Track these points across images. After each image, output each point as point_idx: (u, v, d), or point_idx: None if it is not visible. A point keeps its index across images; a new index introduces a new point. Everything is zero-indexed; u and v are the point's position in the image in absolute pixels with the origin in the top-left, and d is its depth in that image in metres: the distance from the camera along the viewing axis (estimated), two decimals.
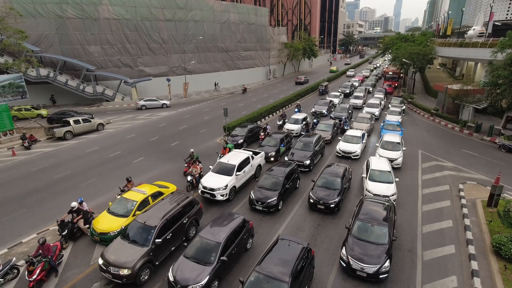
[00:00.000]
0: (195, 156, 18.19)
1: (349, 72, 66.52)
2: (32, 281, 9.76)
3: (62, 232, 12.18)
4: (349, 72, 66.52)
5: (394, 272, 10.81)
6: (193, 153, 18.52)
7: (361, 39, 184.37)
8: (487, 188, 16.31)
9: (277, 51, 67.44)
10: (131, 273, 9.86)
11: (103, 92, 38.04)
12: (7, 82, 27.25)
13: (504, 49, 24.40)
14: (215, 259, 9.94)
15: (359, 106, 36.62)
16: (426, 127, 29.92)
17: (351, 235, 11.25)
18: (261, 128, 25.24)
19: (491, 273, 10.68)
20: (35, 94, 33.75)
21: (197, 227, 13.11)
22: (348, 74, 65.35)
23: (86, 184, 17.67)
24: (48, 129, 25.48)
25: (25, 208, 15.19)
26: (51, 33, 35.62)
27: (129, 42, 40.97)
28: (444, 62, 74.26)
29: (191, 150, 18.71)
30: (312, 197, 14.71)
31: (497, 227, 12.90)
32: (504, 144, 23.09)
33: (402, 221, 13.97)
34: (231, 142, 22.27)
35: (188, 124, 30.30)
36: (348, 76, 63.84)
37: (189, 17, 45.98)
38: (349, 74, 65.27)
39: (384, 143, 20.77)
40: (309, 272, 9.96)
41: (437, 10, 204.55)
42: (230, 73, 54.40)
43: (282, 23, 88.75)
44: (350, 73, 65.87)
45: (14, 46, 27.79)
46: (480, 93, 29.62)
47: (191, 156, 18.29)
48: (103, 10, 38.18)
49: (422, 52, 43.01)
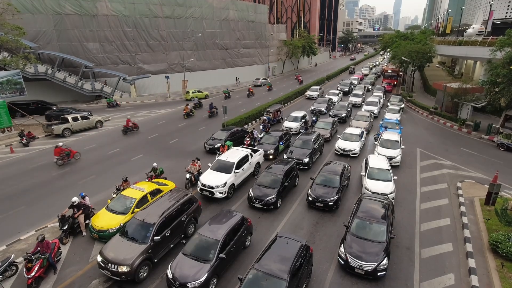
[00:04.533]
0: (158, 170, 16.83)
1: (310, 92, 42.33)
2: (30, 278, 9.76)
3: (62, 227, 12.20)
4: (310, 92, 42.33)
5: (392, 270, 10.86)
6: (157, 167, 16.86)
7: (361, 37, 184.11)
8: (485, 187, 16.37)
9: (276, 48, 67.29)
10: (129, 270, 9.87)
11: (102, 89, 37.88)
12: (5, 79, 27.13)
13: (503, 47, 24.43)
14: (213, 256, 9.96)
15: (358, 104, 36.64)
16: (424, 126, 29.97)
17: (350, 233, 11.29)
18: (247, 132, 23.77)
19: (488, 271, 10.75)
20: (33, 90, 33.56)
21: (196, 225, 13.12)
22: (309, 94, 42.04)
23: (84, 182, 17.64)
24: (47, 126, 25.36)
25: (23, 205, 15.17)
26: (49, 30, 35.38)
27: (127, 39, 40.77)
28: (443, 60, 74.28)
29: (154, 164, 16.89)
30: (310, 195, 14.74)
31: (494, 225, 12.97)
32: (502, 143, 23.17)
33: (400, 219, 14.02)
34: (209, 146, 21.68)
35: (187, 121, 30.25)
36: (309, 97, 41.70)
37: (188, 14, 45.79)
38: (309, 95, 41.88)
39: (383, 141, 20.81)
40: (307, 269, 9.99)
41: (437, 8, 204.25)
42: (229, 70, 54.27)
43: (282, 21, 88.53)
44: (311, 92, 42.04)
45: (12, 43, 27.61)
46: (479, 92, 29.68)
47: (154, 170, 16.72)
48: (101, 6, 37.95)
49: (421, 51, 43.04)
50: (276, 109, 29.51)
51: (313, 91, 42.65)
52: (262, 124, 26.14)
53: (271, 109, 29.38)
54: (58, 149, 19.52)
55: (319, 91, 42.71)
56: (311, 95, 41.63)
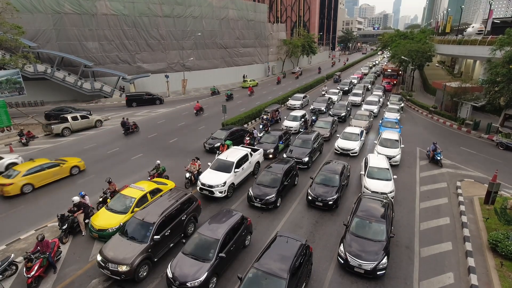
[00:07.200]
0: (161, 168, 16.82)
1: (292, 101, 35.98)
2: (30, 278, 9.76)
3: (62, 226, 12.20)
4: (292, 101, 35.98)
5: (391, 269, 10.87)
6: (160, 165, 16.92)
7: (360, 36, 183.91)
8: (484, 186, 16.39)
9: (276, 47, 67.23)
10: (129, 269, 9.87)
11: (101, 88, 37.83)
12: (4, 78, 27.11)
13: (503, 46, 24.41)
14: (213, 255, 9.96)
15: (357, 103, 36.63)
16: (424, 125, 29.98)
17: (349, 232, 11.30)
18: (247, 131, 23.75)
19: (488, 269, 10.77)
20: (33, 90, 33.54)
21: (195, 224, 13.12)
22: (290, 104, 35.62)
23: (84, 181, 17.63)
24: (46, 125, 25.32)
25: (23, 204, 15.16)
26: (48, 29, 35.32)
27: (127, 38, 40.70)
28: (443, 59, 74.26)
29: (157, 161, 17.07)
30: (310, 194, 14.75)
31: (493, 224, 12.99)
32: (501, 142, 23.18)
33: (399, 218, 14.04)
34: (208, 145, 21.71)
35: (187, 121, 30.24)
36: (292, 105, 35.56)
37: (188, 13, 45.71)
38: (291, 104, 35.51)
39: (383, 140, 20.82)
40: (307, 268, 10.00)
41: (437, 7, 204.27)
42: (228, 69, 54.21)
43: (281, 20, 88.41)
44: (294, 101, 35.75)
45: (11, 42, 27.54)
46: (479, 91, 29.70)
47: (157, 168, 16.72)
48: (100, 5, 37.87)
49: (421, 50, 43.00)
50: (274, 109, 29.11)
51: (296, 99, 35.81)
52: (261, 123, 26.11)
53: (269, 109, 29.17)
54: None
55: (303, 100, 35.85)
56: (293, 105, 34.85)
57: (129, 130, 25.94)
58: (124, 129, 25.80)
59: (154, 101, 37.71)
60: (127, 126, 25.88)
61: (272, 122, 28.52)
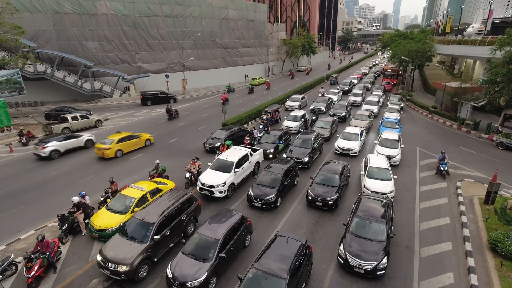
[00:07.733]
0: (161, 168, 16.83)
1: (290, 102, 35.46)
2: (30, 278, 9.76)
3: (62, 226, 12.20)
4: (290, 102, 35.46)
5: (391, 269, 10.88)
6: (159, 164, 16.94)
7: (360, 36, 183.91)
8: (484, 186, 16.40)
9: (276, 47, 67.21)
10: (129, 269, 9.87)
11: (101, 88, 37.83)
12: (4, 78, 27.10)
13: (503, 47, 24.40)
14: (213, 255, 9.96)
15: (357, 103, 36.63)
16: (424, 125, 29.98)
17: (349, 232, 11.30)
18: (246, 131, 23.77)
19: (488, 269, 10.77)
20: (33, 90, 33.53)
21: (195, 224, 13.12)
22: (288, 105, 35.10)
23: (84, 181, 17.63)
24: (46, 125, 25.30)
25: (23, 204, 15.17)
26: (48, 29, 35.31)
27: (127, 38, 40.69)
28: (443, 59, 74.27)
29: (156, 161, 17.07)
30: (310, 194, 14.75)
31: (493, 224, 13.00)
32: (501, 142, 23.18)
33: (399, 218, 14.04)
34: (208, 145, 21.71)
35: (187, 120, 30.23)
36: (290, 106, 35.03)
37: (188, 13, 45.70)
38: (289, 105, 34.95)
39: (383, 140, 20.82)
40: (307, 268, 10.00)
41: (437, 7, 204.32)
42: (228, 69, 54.20)
43: (281, 20, 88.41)
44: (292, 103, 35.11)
45: (11, 42, 27.51)
46: (479, 91, 29.69)
47: (157, 168, 16.72)
48: (100, 5, 37.85)
49: (421, 50, 43.00)
50: (274, 109, 29.12)
51: (294, 101, 35.33)
52: (261, 123, 26.09)
53: (269, 109, 29.18)
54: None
55: (301, 101, 35.31)
56: (291, 106, 34.41)
57: (172, 116, 30.41)
58: (168, 115, 30.26)
59: (168, 99, 38.17)
60: (171, 112, 30.38)
61: (272, 122, 28.57)
